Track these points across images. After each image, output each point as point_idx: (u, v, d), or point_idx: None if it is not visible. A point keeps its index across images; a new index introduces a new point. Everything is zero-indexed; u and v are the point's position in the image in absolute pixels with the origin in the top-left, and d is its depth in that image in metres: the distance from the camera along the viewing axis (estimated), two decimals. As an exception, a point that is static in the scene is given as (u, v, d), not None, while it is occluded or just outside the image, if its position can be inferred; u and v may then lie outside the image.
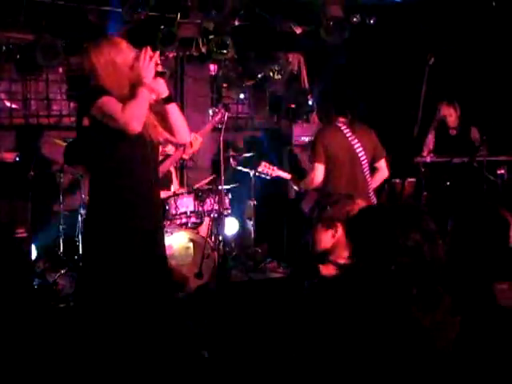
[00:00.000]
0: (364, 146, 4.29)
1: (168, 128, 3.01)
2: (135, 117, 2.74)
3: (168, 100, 2.97)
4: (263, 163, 4.79)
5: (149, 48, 2.85)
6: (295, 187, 4.67)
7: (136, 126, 2.74)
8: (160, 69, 2.93)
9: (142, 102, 2.79)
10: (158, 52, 2.89)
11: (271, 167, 4.76)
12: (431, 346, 1.79)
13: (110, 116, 2.75)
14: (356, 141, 4.27)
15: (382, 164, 4.43)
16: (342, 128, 4.29)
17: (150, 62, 2.81)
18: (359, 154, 4.27)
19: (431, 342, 1.80)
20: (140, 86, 2.79)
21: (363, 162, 4.29)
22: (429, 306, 1.82)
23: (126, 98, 2.79)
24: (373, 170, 4.44)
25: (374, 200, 4.36)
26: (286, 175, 4.71)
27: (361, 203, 2.63)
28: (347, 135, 4.27)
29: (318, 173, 4.22)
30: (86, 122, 2.86)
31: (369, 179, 4.34)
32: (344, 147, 4.24)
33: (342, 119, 4.33)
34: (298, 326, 1.99)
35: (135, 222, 2.86)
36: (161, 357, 2.78)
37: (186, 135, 3.10)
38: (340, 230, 2.59)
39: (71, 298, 4.56)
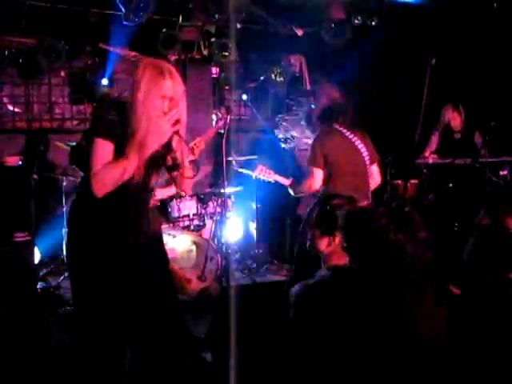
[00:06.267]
0: (365, 145, 4.26)
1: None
2: (104, 184, 2.43)
3: (171, 169, 2.67)
4: (259, 167, 4.58)
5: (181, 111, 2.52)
6: (291, 192, 4.46)
7: (99, 193, 2.43)
8: (175, 144, 2.55)
9: (122, 172, 2.44)
10: (183, 120, 2.53)
11: (268, 171, 4.56)
12: (413, 336, 1.86)
13: (90, 158, 2.45)
14: (359, 141, 4.24)
15: (374, 168, 4.34)
16: (341, 129, 4.26)
17: (171, 128, 2.47)
18: (363, 153, 4.23)
19: (413, 331, 1.86)
20: (140, 149, 2.43)
21: (366, 159, 4.24)
22: (412, 298, 1.89)
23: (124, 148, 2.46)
24: None
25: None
26: (285, 181, 4.46)
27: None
28: (348, 136, 4.24)
29: (317, 178, 4.13)
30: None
31: (369, 179, 4.30)
32: (344, 148, 4.20)
33: (338, 123, 4.29)
34: (294, 326, 2.00)
35: (128, 232, 2.62)
36: (163, 360, 2.77)
37: (188, 189, 2.89)
38: (338, 239, 2.41)
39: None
